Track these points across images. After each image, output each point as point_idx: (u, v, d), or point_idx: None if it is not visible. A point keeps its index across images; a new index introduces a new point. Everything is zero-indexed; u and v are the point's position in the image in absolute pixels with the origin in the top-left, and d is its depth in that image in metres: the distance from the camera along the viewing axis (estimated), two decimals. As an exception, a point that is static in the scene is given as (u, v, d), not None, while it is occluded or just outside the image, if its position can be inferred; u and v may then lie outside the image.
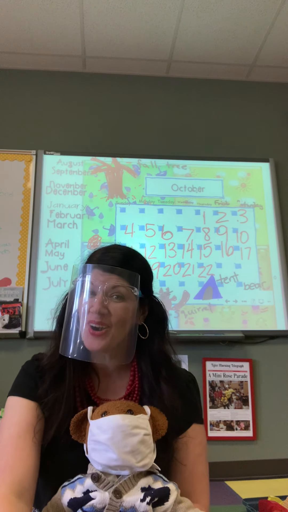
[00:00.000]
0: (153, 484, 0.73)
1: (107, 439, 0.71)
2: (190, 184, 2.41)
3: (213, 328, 2.18)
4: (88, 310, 0.85)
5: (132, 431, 0.72)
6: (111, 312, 0.85)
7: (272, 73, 2.61)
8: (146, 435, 0.74)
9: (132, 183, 2.38)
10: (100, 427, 0.73)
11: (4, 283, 2.16)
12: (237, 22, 2.21)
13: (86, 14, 2.15)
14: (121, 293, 0.86)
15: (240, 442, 2.07)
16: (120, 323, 0.85)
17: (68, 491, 0.74)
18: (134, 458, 0.71)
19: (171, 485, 0.74)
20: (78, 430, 0.78)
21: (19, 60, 2.48)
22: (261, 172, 2.47)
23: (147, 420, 0.77)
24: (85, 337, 0.85)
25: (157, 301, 0.97)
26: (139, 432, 0.73)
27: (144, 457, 0.72)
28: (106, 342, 0.84)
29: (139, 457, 0.72)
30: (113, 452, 0.70)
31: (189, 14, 2.15)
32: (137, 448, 0.71)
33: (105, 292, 0.85)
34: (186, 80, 2.63)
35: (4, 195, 2.30)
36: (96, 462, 0.73)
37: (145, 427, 0.75)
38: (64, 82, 2.55)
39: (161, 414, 0.80)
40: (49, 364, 0.88)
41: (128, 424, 0.72)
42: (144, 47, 2.38)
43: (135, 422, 0.74)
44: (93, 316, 0.84)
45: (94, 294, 0.86)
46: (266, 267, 2.31)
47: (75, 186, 2.34)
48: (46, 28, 2.23)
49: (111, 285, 0.86)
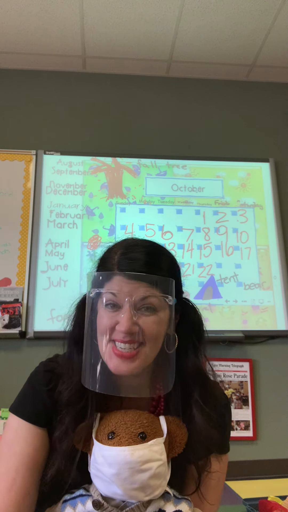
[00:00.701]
0: (164, 506, 0.66)
1: (111, 474, 0.62)
2: (190, 184, 2.41)
3: (213, 328, 2.17)
4: (113, 326, 0.70)
5: (142, 468, 0.62)
6: (143, 328, 0.70)
7: (272, 73, 2.61)
8: (159, 467, 0.64)
9: (132, 183, 2.38)
10: (105, 458, 0.63)
11: (4, 283, 2.16)
12: (237, 22, 2.21)
13: (86, 14, 2.15)
14: (153, 304, 0.71)
15: (240, 442, 2.07)
16: (154, 340, 0.71)
17: (69, 508, 0.67)
18: (143, 493, 0.63)
19: (184, 504, 0.67)
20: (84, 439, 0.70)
21: (19, 60, 2.47)
22: (261, 172, 2.47)
23: (162, 444, 0.66)
24: (108, 359, 0.71)
25: (191, 305, 0.82)
26: (151, 467, 0.63)
27: (155, 489, 0.64)
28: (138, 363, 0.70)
29: (149, 491, 0.63)
30: (118, 488, 0.62)
31: (189, 14, 2.15)
32: (147, 484, 0.63)
33: (134, 305, 0.70)
34: (186, 80, 2.63)
35: (4, 195, 2.30)
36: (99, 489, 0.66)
37: (158, 457, 0.64)
38: (64, 82, 2.55)
39: (181, 428, 0.70)
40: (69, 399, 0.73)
41: (138, 460, 0.62)
42: (144, 47, 2.38)
43: (147, 456, 0.63)
44: (120, 335, 0.69)
45: (119, 308, 0.71)
46: (266, 267, 2.31)
47: (75, 186, 2.34)
48: (46, 28, 2.23)
49: (141, 296, 0.70)
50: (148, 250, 0.76)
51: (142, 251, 0.75)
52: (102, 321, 0.72)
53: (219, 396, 0.82)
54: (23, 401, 0.78)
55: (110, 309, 0.72)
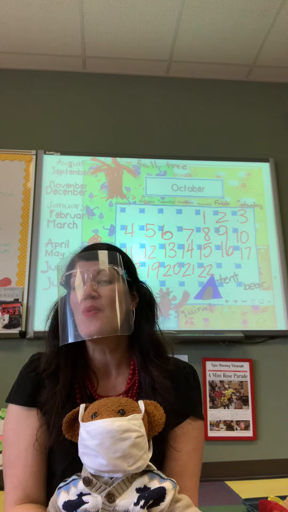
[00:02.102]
0: (149, 483, 0.70)
1: (95, 445, 0.69)
2: (190, 184, 2.41)
3: (213, 328, 2.18)
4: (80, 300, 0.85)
5: (122, 436, 0.69)
6: (102, 295, 0.85)
7: (272, 73, 2.61)
8: (138, 438, 0.70)
9: (132, 183, 2.38)
10: (89, 432, 0.70)
11: (4, 283, 2.16)
12: (237, 22, 2.21)
13: (86, 14, 2.15)
14: (108, 276, 0.88)
15: (240, 442, 2.07)
16: (112, 304, 0.86)
17: (63, 493, 0.72)
18: (125, 462, 0.68)
19: (168, 483, 0.71)
20: (71, 429, 0.77)
21: (19, 60, 2.48)
22: (261, 172, 2.47)
23: (140, 419, 0.73)
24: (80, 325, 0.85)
25: (145, 287, 0.98)
26: (130, 436, 0.69)
27: (137, 460, 0.69)
28: (101, 323, 0.83)
29: (131, 461, 0.69)
30: (103, 458, 0.68)
31: (189, 14, 2.15)
32: (128, 452, 0.68)
33: (92, 278, 0.86)
34: (186, 80, 2.63)
35: (4, 195, 2.30)
36: (88, 466, 0.71)
37: (137, 429, 0.71)
38: (64, 82, 2.55)
39: (159, 409, 0.77)
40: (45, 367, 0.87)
41: (118, 429, 0.69)
42: (144, 47, 2.38)
43: (126, 425, 0.70)
44: (84, 303, 0.84)
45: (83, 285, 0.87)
46: (266, 267, 2.31)
47: (75, 186, 2.34)
48: (46, 28, 2.23)
49: (96, 270, 0.87)
50: (104, 244, 0.95)
51: (98, 245, 0.95)
52: (73, 299, 0.87)
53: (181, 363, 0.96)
54: (15, 389, 0.89)
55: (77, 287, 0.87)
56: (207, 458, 1.91)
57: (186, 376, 0.93)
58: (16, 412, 0.86)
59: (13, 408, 0.87)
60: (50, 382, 0.85)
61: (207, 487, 1.66)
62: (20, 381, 0.90)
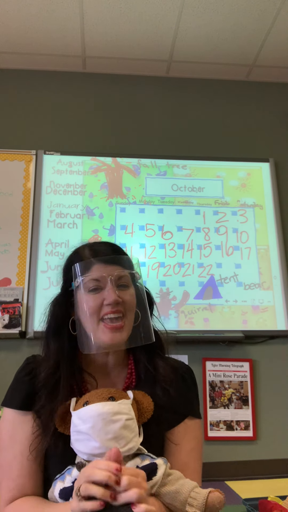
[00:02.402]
0: (141, 464, 0.73)
1: (88, 428, 0.71)
2: (190, 184, 2.41)
3: (213, 328, 2.18)
4: (100, 305, 0.84)
5: (112, 418, 0.71)
6: (124, 300, 0.85)
7: (272, 73, 2.61)
8: (128, 420, 0.73)
9: (132, 183, 2.38)
10: (81, 417, 0.73)
11: (4, 283, 2.16)
12: (237, 22, 2.21)
13: (86, 14, 2.15)
14: (127, 281, 0.88)
15: (240, 442, 2.07)
16: (132, 309, 0.87)
17: (59, 483, 0.74)
18: (117, 444, 0.70)
19: (159, 460, 0.74)
20: (63, 423, 0.78)
21: (19, 60, 2.48)
22: (261, 172, 2.47)
23: (129, 404, 0.76)
24: (101, 335, 0.84)
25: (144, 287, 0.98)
26: (121, 418, 0.72)
27: (128, 441, 0.72)
28: (126, 333, 0.85)
29: (123, 442, 0.71)
30: (95, 440, 0.70)
31: (189, 14, 2.15)
32: (119, 433, 0.71)
33: (114, 283, 0.85)
34: (186, 80, 2.63)
35: (4, 195, 2.30)
36: (81, 452, 0.73)
37: (127, 412, 0.74)
38: (64, 82, 2.55)
39: (146, 397, 0.80)
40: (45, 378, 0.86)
41: (108, 411, 0.71)
42: (144, 47, 2.38)
43: (116, 408, 0.73)
44: (108, 308, 0.84)
45: (101, 290, 0.85)
46: (266, 267, 2.31)
47: (75, 186, 2.34)
48: (46, 28, 2.23)
49: (118, 275, 0.86)
50: (108, 244, 0.94)
51: (105, 244, 0.93)
52: (90, 304, 0.85)
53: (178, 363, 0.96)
54: (11, 393, 0.89)
55: (94, 292, 0.85)
56: (207, 458, 1.91)
57: (184, 376, 0.94)
58: (11, 416, 0.85)
59: (8, 412, 0.87)
60: (49, 390, 0.84)
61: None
62: (15, 385, 0.89)
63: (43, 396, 0.84)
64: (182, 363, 0.97)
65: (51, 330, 0.91)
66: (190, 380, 0.95)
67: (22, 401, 0.85)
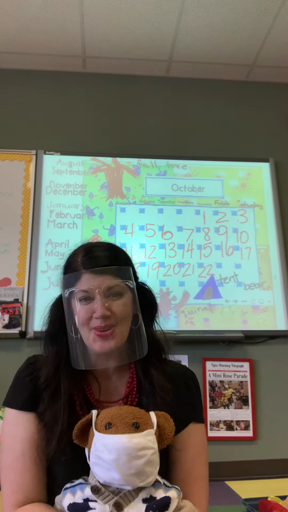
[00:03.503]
0: (154, 493, 0.71)
1: (111, 460, 0.68)
2: (190, 184, 2.41)
3: (213, 328, 2.18)
4: (90, 316, 0.83)
5: (138, 454, 0.69)
6: (114, 312, 0.83)
7: (272, 73, 2.61)
8: (153, 455, 0.71)
9: (132, 183, 2.38)
10: (106, 445, 0.70)
11: (4, 283, 2.16)
12: (237, 22, 2.21)
13: (86, 14, 2.15)
14: (118, 290, 0.85)
15: (240, 442, 2.07)
16: (125, 319, 0.85)
17: (69, 495, 0.73)
18: (138, 479, 0.69)
19: (173, 492, 0.72)
20: (81, 435, 0.76)
21: (19, 60, 2.48)
22: (261, 172, 2.47)
23: (154, 435, 0.73)
24: (92, 343, 0.84)
25: (146, 287, 0.96)
26: (146, 454, 0.69)
27: (149, 476, 0.70)
28: (114, 341, 0.83)
29: (144, 477, 0.70)
30: (116, 473, 0.68)
31: (189, 14, 2.15)
32: (142, 470, 0.69)
33: (103, 294, 0.83)
34: (186, 80, 2.63)
35: (4, 195, 2.30)
36: (98, 476, 0.71)
37: (151, 446, 0.71)
38: (64, 82, 2.55)
39: (169, 421, 0.77)
40: (45, 382, 0.86)
41: (135, 446, 0.69)
42: (144, 47, 2.38)
43: (143, 443, 0.70)
44: (97, 322, 0.82)
45: (91, 300, 0.84)
46: (266, 267, 2.31)
47: (75, 186, 2.34)
48: (46, 28, 2.23)
49: (107, 286, 0.84)
50: (105, 248, 0.91)
51: (100, 249, 0.90)
52: (81, 315, 0.84)
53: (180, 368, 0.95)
54: (12, 393, 0.88)
55: (84, 303, 0.84)
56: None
57: (187, 382, 0.93)
58: (13, 417, 0.85)
59: (9, 412, 0.86)
60: (50, 394, 0.84)
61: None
62: (16, 385, 0.89)
63: (45, 398, 0.83)
64: (184, 368, 0.96)
65: (48, 335, 0.91)
66: (193, 385, 0.94)
67: (24, 402, 0.85)
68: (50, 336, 0.90)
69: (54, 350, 0.89)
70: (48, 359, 0.88)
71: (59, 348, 0.89)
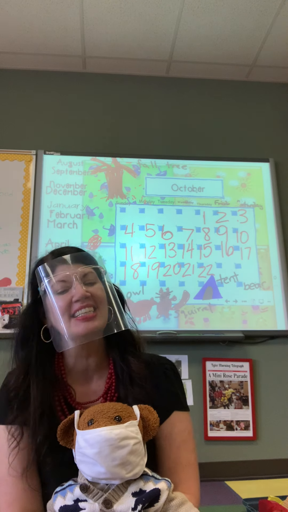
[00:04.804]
0: (144, 486, 0.71)
1: (94, 453, 0.68)
2: (190, 184, 2.41)
3: (213, 328, 2.18)
4: (69, 303, 0.84)
5: (120, 444, 0.69)
6: (93, 293, 0.85)
7: (272, 73, 2.61)
8: (136, 444, 0.70)
9: (132, 183, 2.38)
10: (87, 440, 0.70)
11: (4, 283, 2.16)
12: (237, 22, 2.21)
13: (86, 14, 2.15)
14: (93, 276, 0.88)
15: (240, 442, 2.07)
16: (104, 302, 0.87)
17: (59, 499, 0.72)
18: (124, 469, 0.69)
19: (163, 483, 0.72)
20: (65, 436, 0.76)
21: (19, 60, 2.48)
22: (261, 172, 2.47)
23: (137, 425, 0.73)
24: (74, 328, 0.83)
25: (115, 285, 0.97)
26: (128, 443, 0.69)
27: (135, 466, 0.70)
28: (99, 322, 0.84)
29: (129, 467, 0.69)
30: (101, 466, 0.68)
31: (189, 14, 2.15)
32: (126, 460, 0.69)
33: (80, 281, 0.85)
34: (186, 80, 2.63)
35: (4, 195, 2.30)
36: (85, 474, 0.71)
37: (134, 436, 0.71)
38: (64, 82, 2.55)
39: (152, 413, 0.77)
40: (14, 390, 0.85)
41: (116, 437, 0.69)
42: (144, 47, 2.38)
43: (124, 433, 0.70)
44: (78, 305, 0.83)
45: (69, 289, 0.85)
46: (266, 267, 2.31)
47: (75, 186, 2.34)
48: (46, 28, 2.23)
49: (83, 272, 0.86)
50: (72, 247, 0.94)
51: (67, 248, 0.93)
52: (60, 304, 0.84)
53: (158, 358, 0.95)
54: None
55: (62, 293, 0.85)
56: (207, 458, 1.92)
57: (166, 372, 0.93)
58: (2, 430, 0.84)
59: None
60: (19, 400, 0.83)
61: (207, 487, 1.66)
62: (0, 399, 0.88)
63: (14, 406, 0.83)
64: (162, 359, 0.97)
65: (18, 340, 0.92)
66: (173, 375, 0.94)
67: (3, 415, 0.84)
68: (20, 342, 0.92)
69: (23, 355, 0.90)
70: (18, 365, 0.89)
71: (28, 352, 0.89)
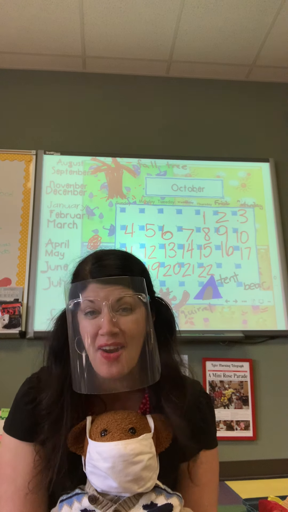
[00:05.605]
0: (155, 500, 0.69)
1: (107, 468, 0.66)
2: (190, 184, 2.41)
3: (213, 328, 2.18)
4: (96, 333, 0.74)
5: (134, 460, 0.66)
6: (123, 329, 0.74)
7: (272, 73, 2.61)
8: (150, 460, 0.68)
9: (132, 183, 2.38)
10: (100, 453, 0.67)
11: (4, 283, 2.16)
12: (237, 22, 2.21)
13: (86, 14, 2.15)
14: (129, 303, 0.75)
15: (240, 442, 2.07)
16: (136, 339, 0.75)
17: (66, 507, 0.70)
18: (136, 485, 0.67)
19: (175, 499, 0.70)
20: (76, 442, 0.73)
21: (19, 60, 2.47)
22: (261, 172, 2.47)
23: (151, 438, 0.71)
24: (99, 366, 0.74)
25: (164, 303, 0.87)
26: (142, 460, 0.67)
27: (147, 481, 0.68)
28: (124, 365, 0.73)
29: (142, 483, 0.67)
30: (113, 481, 0.66)
31: (189, 14, 2.15)
32: (139, 475, 0.67)
33: (111, 308, 0.74)
34: (186, 80, 2.63)
35: (4, 195, 2.30)
36: (95, 485, 0.69)
37: (148, 451, 0.69)
38: (64, 82, 2.55)
39: (165, 425, 0.74)
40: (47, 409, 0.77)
41: (131, 452, 0.66)
42: (144, 47, 2.38)
43: (138, 448, 0.67)
44: (103, 339, 0.73)
45: (98, 314, 0.75)
46: (266, 267, 2.31)
47: (75, 186, 2.34)
48: (46, 28, 2.23)
49: (116, 298, 0.74)
50: (118, 256, 0.81)
51: (112, 257, 0.80)
52: (86, 330, 0.75)
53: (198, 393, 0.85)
54: (12, 421, 0.82)
55: (90, 316, 0.75)
56: (207, 458, 1.91)
57: (199, 406, 0.84)
58: (13, 446, 0.79)
59: (9, 439, 0.80)
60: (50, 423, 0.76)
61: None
62: (16, 412, 0.82)
63: (45, 426, 0.76)
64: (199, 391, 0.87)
65: (53, 351, 0.82)
66: (207, 410, 0.86)
67: (24, 432, 0.78)
68: (55, 353, 0.82)
69: (58, 371, 0.80)
70: (52, 381, 0.79)
71: (63, 368, 0.80)
